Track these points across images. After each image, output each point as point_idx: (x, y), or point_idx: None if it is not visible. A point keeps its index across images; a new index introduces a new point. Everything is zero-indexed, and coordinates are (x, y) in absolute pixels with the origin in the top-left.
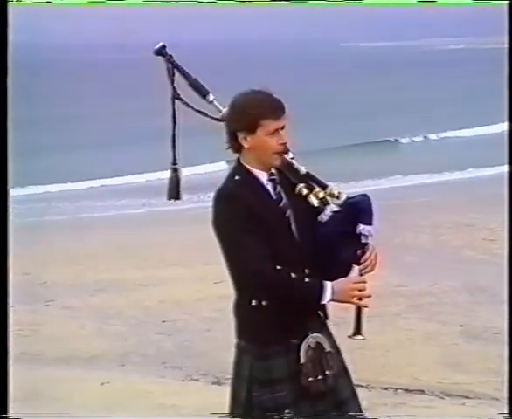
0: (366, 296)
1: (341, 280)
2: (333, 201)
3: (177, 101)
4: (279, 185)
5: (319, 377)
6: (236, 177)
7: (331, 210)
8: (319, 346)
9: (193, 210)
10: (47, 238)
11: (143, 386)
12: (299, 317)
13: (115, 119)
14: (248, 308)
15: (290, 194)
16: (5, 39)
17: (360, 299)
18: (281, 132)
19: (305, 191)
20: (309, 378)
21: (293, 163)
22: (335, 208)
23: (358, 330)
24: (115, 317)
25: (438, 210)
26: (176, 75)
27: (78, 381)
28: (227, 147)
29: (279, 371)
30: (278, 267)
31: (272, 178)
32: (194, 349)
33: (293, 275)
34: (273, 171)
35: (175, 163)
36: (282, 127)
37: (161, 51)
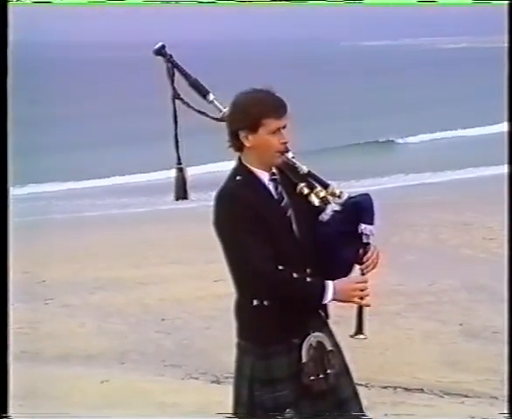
0: (367, 295)
1: (342, 280)
2: (334, 200)
3: (178, 101)
4: (280, 185)
5: (320, 376)
6: (237, 177)
7: (332, 210)
8: (320, 344)
9: (194, 209)
10: (47, 237)
11: (143, 384)
12: (300, 316)
13: (116, 118)
14: (250, 308)
15: (291, 193)
16: (5, 39)
17: (361, 299)
18: (283, 131)
19: (306, 191)
20: (311, 377)
21: (294, 162)
22: (336, 207)
23: (360, 329)
24: (115, 315)
25: (437, 209)
26: (176, 75)
27: (77, 379)
28: (229, 145)
29: (280, 370)
30: (280, 267)
31: (273, 178)
32: (193, 348)
33: (294, 275)
34: (275, 171)
35: (179, 163)
36: (284, 126)
37: (160, 50)
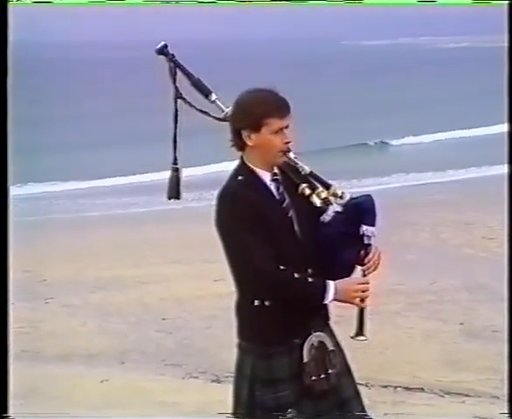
0: (368, 296)
1: (344, 280)
2: (336, 201)
3: (180, 101)
4: (281, 185)
5: (322, 376)
6: (239, 177)
7: (334, 211)
8: (322, 344)
9: (195, 209)
10: (48, 236)
11: (143, 383)
12: (302, 316)
13: (117, 118)
14: (251, 308)
15: (293, 194)
16: (5, 39)
17: (362, 300)
18: (286, 131)
19: (307, 191)
20: (312, 377)
21: (296, 162)
22: (337, 208)
23: (361, 331)
24: (115, 314)
25: (438, 209)
26: (179, 74)
27: (78, 379)
28: (231, 145)
29: (281, 371)
30: (281, 267)
31: (275, 178)
32: (194, 347)
33: (296, 275)
34: (276, 171)
35: (175, 163)
36: (287, 126)
37: (163, 50)
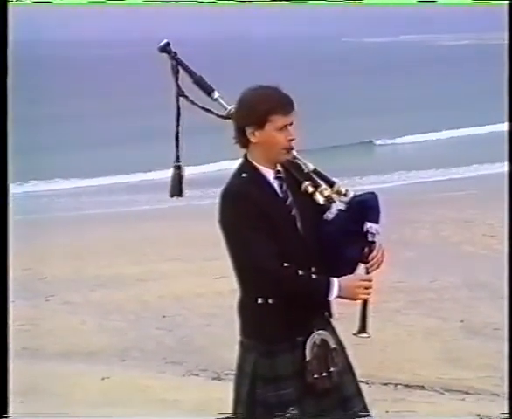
0: (371, 293)
1: (347, 277)
2: (340, 198)
3: (181, 99)
4: (285, 183)
5: (324, 374)
6: (243, 174)
7: (337, 208)
8: (324, 342)
9: (195, 207)
10: (48, 234)
11: (143, 381)
12: (304, 314)
13: (118, 116)
14: (254, 306)
15: (296, 192)
16: (5, 39)
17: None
18: (290, 128)
19: (311, 189)
20: (314, 375)
21: (300, 160)
22: (341, 206)
23: (363, 328)
24: (115, 312)
25: (438, 206)
26: (181, 72)
27: (78, 376)
28: (235, 142)
29: (284, 368)
30: (285, 264)
31: (278, 176)
32: (194, 345)
33: (300, 272)
34: (280, 169)
35: (178, 161)
36: (291, 123)
37: (165, 48)
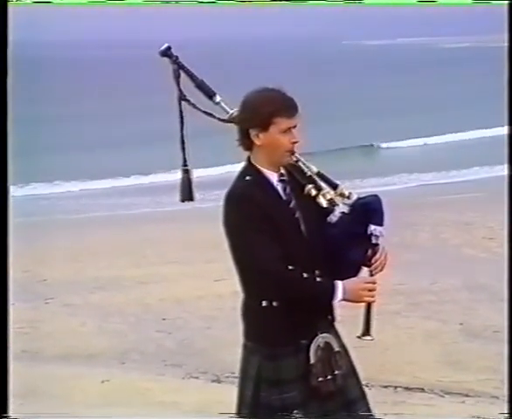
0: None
1: (351, 280)
2: (343, 201)
3: (183, 103)
4: (288, 186)
5: (328, 377)
6: (247, 177)
7: (340, 211)
8: (328, 345)
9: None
10: (48, 236)
11: (143, 383)
12: (308, 317)
13: (118, 118)
14: (258, 309)
15: (299, 195)
16: (5, 39)
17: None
18: (293, 130)
19: (314, 192)
20: (319, 378)
21: (304, 162)
22: (344, 208)
23: (367, 331)
24: (115, 314)
25: (438, 209)
26: (182, 76)
27: (78, 379)
28: (238, 144)
29: (288, 372)
30: (290, 267)
31: (282, 178)
32: (194, 347)
33: (304, 275)
34: (283, 171)
35: (185, 164)
36: (294, 126)
37: (166, 52)
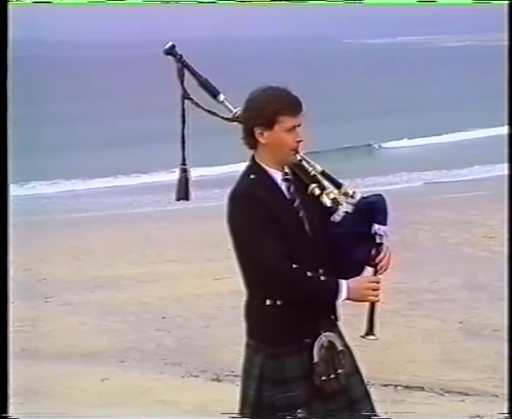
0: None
1: (355, 279)
2: (348, 200)
3: (187, 101)
4: (292, 185)
5: (332, 376)
6: (251, 176)
7: (344, 210)
8: (331, 344)
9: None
10: (48, 235)
11: (143, 382)
12: (312, 316)
13: (118, 117)
14: (262, 308)
15: (303, 194)
16: (5, 39)
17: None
18: (298, 129)
19: (317, 191)
20: (322, 377)
21: (308, 161)
22: (348, 208)
23: (371, 330)
24: (115, 313)
25: (438, 208)
26: (186, 75)
27: (77, 378)
28: (242, 143)
29: (291, 370)
30: (294, 266)
31: (286, 177)
32: (193, 346)
33: (309, 274)
34: (287, 170)
35: (184, 163)
36: (299, 125)
37: (171, 50)
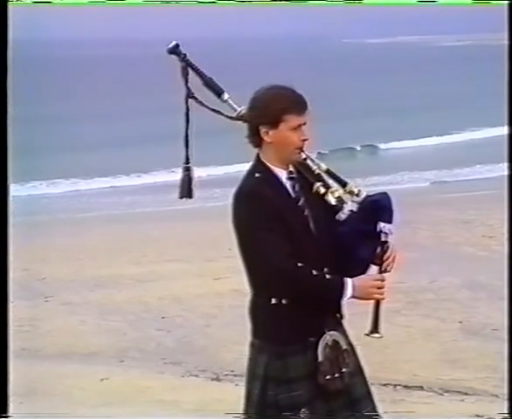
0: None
1: (360, 277)
2: (353, 198)
3: (190, 100)
4: (297, 183)
5: (336, 375)
6: (256, 174)
7: (349, 209)
8: (336, 343)
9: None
10: (47, 234)
11: (143, 382)
12: (316, 315)
13: (118, 117)
14: (267, 307)
15: (308, 192)
16: (5, 38)
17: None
18: (303, 128)
19: (322, 190)
20: (327, 376)
21: (313, 160)
22: (353, 206)
23: (376, 328)
24: (115, 313)
25: (437, 207)
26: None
27: (77, 377)
28: (247, 141)
29: (296, 370)
30: (299, 264)
31: (291, 176)
32: (193, 345)
33: (314, 272)
34: (292, 169)
35: (187, 162)
36: (304, 123)
37: (174, 50)
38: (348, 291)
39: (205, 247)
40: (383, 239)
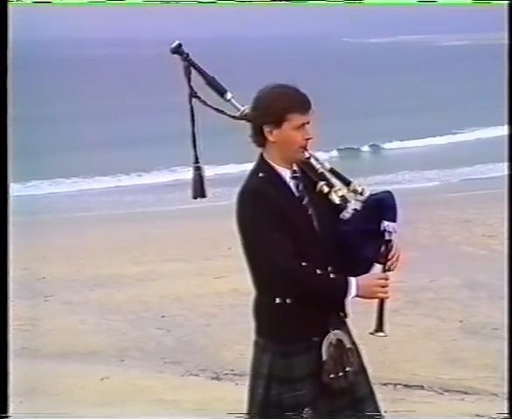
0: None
1: (364, 276)
2: (356, 197)
3: (194, 100)
4: (301, 183)
5: (340, 374)
6: (260, 174)
7: (353, 208)
8: (340, 342)
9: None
10: (47, 234)
11: (143, 381)
12: (321, 314)
13: (119, 117)
14: (271, 306)
15: (312, 191)
16: (5, 38)
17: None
18: (307, 127)
19: (326, 189)
20: (331, 375)
21: (317, 159)
22: (356, 205)
23: (380, 327)
24: (115, 312)
25: (437, 206)
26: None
27: (77, 376)
28: (251, 141)
29: (300, 369)
30: (303, 264)
31: (294, 175)
32: (193, 345)
33: (318, 271)
34: (296, 168)
35: (197, 161)
36: (308, 122)
37: (177, 49)
38: (352, 290)
39: (205, 246)
40: (387, 238)
